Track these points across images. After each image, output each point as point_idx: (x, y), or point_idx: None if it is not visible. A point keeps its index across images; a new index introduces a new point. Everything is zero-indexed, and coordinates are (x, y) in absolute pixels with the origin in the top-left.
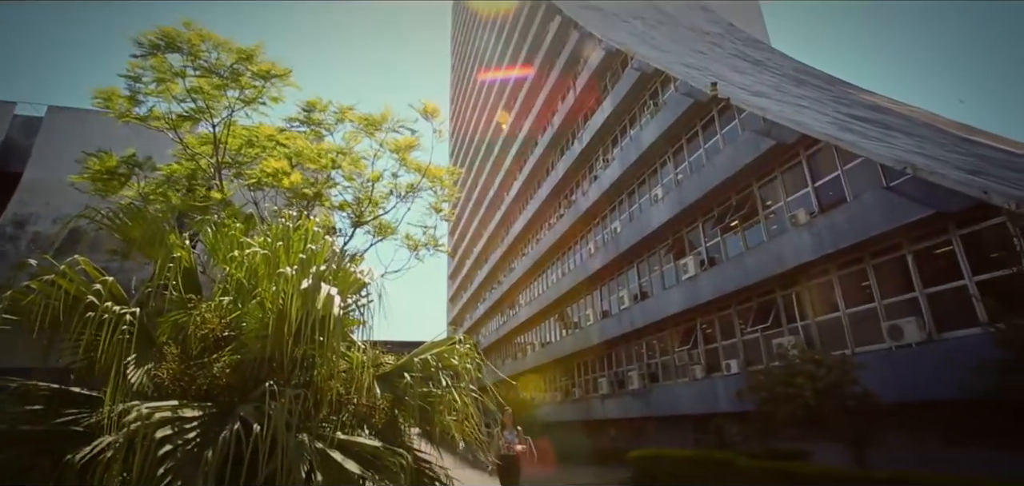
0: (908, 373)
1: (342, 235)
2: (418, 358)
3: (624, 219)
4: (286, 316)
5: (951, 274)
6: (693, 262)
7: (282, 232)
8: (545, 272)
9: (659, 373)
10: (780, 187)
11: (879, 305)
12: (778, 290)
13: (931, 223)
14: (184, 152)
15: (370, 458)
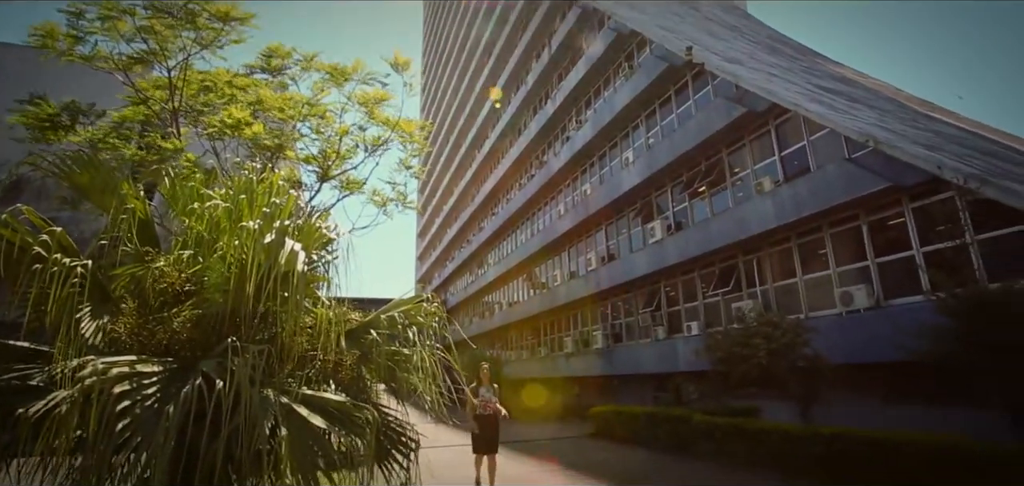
0: (855, 337)
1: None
2: (385, 316)
3: (594, 181)
4: (249, 271)
5: (901, 245)
6: (660, 226)
7: (245, 185)
8: (514, 232)
9: (623, 333)
10: (748, 155)
11: (834, 272)
12: (740, 256)
13: (887, 195)
14: (135, 96)
15: (336, 413)
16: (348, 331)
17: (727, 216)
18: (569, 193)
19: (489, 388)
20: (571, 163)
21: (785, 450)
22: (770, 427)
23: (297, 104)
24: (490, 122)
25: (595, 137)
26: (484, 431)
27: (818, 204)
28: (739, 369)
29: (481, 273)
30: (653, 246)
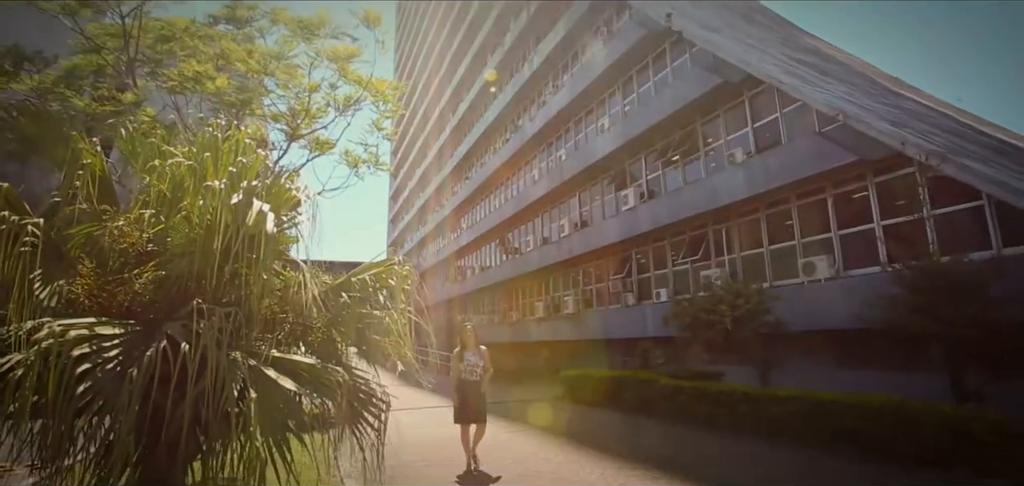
0: (814, 305)
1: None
2: (356, 278)
3: (570, 148)
4: (215, 232)
5: (863, 218)
6: (633, 194)
7: (209, 142)
8: (488, 197)
9: (593, 299)
10: (722, 126)
11: (798, 243)
12: (710, 225)
13: (853, 169)
14: (86, 43)
15: (306, 376)
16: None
17: (699, 186)
18: (544, 159)
19: (475, 352)
20: (546, 128)
21: (744, 411)
22: (730, 389)
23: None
24: (465, 85)
25: (571, 102)
26: (467, 399)
27: (787, 176)
28: (705, 335)
29: (454, 237)
30: (626, 213)
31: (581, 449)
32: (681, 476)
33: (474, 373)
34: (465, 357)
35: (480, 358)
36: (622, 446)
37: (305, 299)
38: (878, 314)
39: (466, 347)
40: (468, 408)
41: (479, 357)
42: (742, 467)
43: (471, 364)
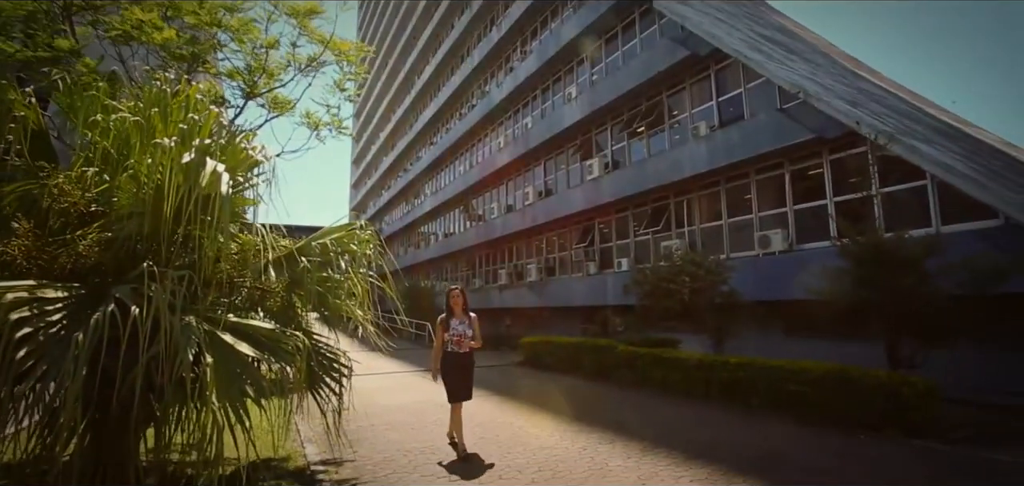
0: (767, 277)
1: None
2: (316, 242)
3: (536, 115)
4: (165, 192)
5: (817, 194)
6: (598, 164)
7: (157, 98)
8: (453, 163)
9: (556, 267)
10: (688, 98)
11: (755, 217)
12: (672, 197)
13: (810, 146)
14: None
15: (264, 341)
16: (277, 258)
17: (663, 158)
18: (510, 126)
19: (464, 320)
20: (514, 95)
21: (697, 377)
22: (685, 356)
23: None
24: (431, 48)
25: (539, 69)
26: (454, 374)
27: (748, 151)
28: (663, 304)
29: (418, 203)
30: (590, 183)
31: (541, 413)
32: (636, 438)
33: (462, 344)
34: (451, 325)
35: (469, 326)
36: (581, 410)
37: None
38: (826, 286)
39: (453, 313)
40: (459, 385)
41: (468, 325)
42: (692, 428)
43: (458, 333)
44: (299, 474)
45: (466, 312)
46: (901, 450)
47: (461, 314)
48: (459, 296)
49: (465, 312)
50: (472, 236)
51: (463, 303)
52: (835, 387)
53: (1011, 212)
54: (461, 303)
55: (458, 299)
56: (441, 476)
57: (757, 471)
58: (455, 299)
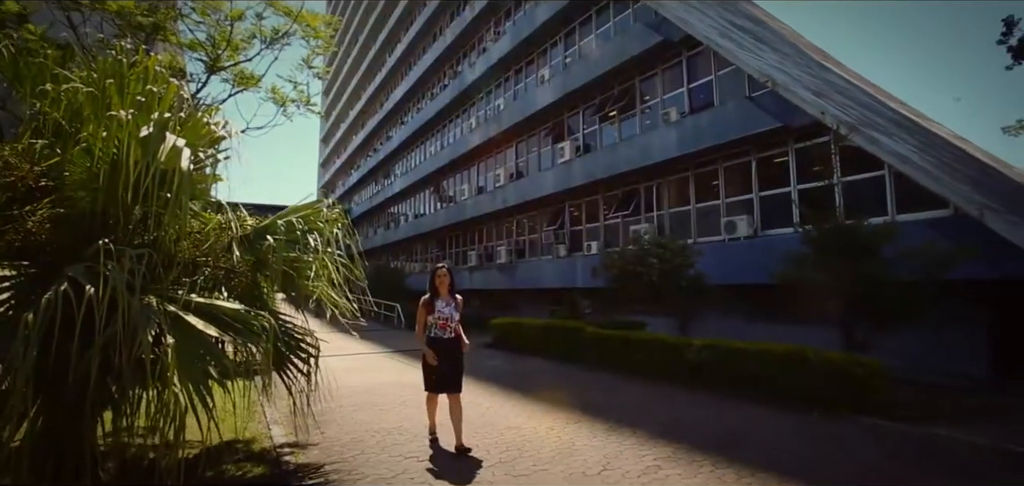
0: (732, 261)
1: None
2: (282, 221)
3: (508, 97)
4: (122, 167)
5: (781, 181)
6: (570, 147)
7: (113, 67)
8: (423, 144)
9: (526, 250)
10: (659, 84)
11: (722, 203)
12: (642, 182)
13: (776, 135)
14: None
15: (230, 321)
16: (241, 236)
17: (634, 142)
18: (482, 107)
19: (449, 302)
20: (486, 76)
21: (663, 358)
22: (651, 338)
23: None
24: (403, 25)
25: (513, 51)
26: (442, 362)
27: (717, 137)
28: (631, 286)
29: (388, 183)
30: (561, 166)
31: (510, 395)
32: (602, 417)
33: (448, 328)
34: (435, 307)
35: (456, 308)
36: (549, 391)
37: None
38: (787, 271)
39: (438, 294)
40: (440, 373)
41: (455, 307)
42: (657, 408)
43: (443, 316)
44: (264, 456)
45: (452, 293)
46: (851, 427)
47: (446, 295)
48: (445, 275)
49: (451, 293)
50: (442, 217)
51: (450, 283)
52: (793, 368)
53: (959, 202)
54: (447, 283)
55: (444, 278)
56: (410, 456)
57: (717, 449)
58: (441, 278)
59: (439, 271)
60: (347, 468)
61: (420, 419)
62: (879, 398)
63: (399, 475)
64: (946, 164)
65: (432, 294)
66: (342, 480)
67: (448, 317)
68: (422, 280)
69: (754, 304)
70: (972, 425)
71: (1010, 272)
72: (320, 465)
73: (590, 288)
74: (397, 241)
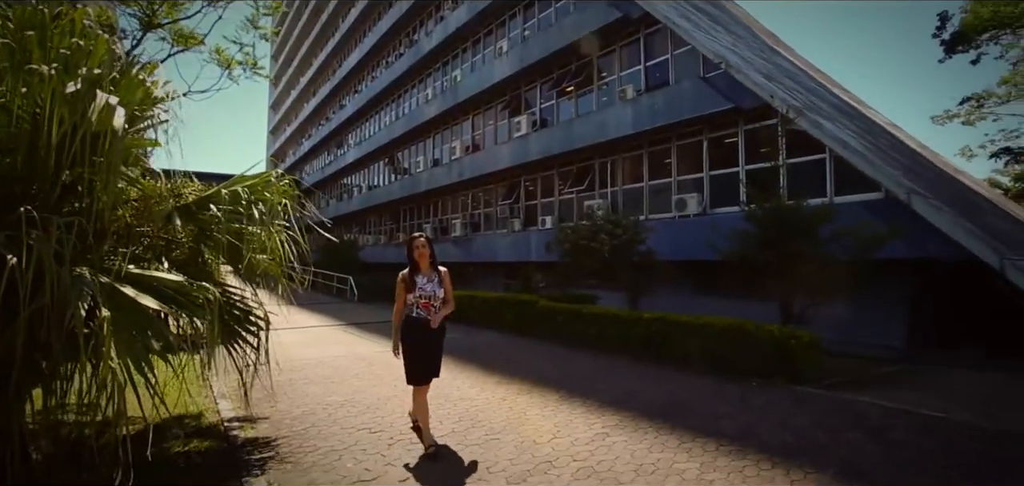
0: (682, 238)
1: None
2: (227, 191)
3: (466, 68)
4: (45, 127)
5: (731, 161)
6: (526, 121)
7: (32, 18)
8: (378, 113)
9: (481, 223)
10: (617, 61)
11: (674, 180)
12: (597, 158)
13: (727, 116)
14: None
15: (171, 293)
16: (183, 205)
17: (590, 119)
18: (438, 78)
19: (432, 276)
20: (443, 46)
21: (613, 332)
22: (602, 312)
23: None
24: None
25: (471, 21)
26: (419, 347)
27: (671, 116)
28: (584, 261)
29: (340, 153)
30: (518, 140)
31: (463, 366)
32: (554, 388)
33: (430, 308)
34: (416, 283)
35: (439, 284)
36: (502, 363)
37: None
38: (733, 248)
39: (418, 268)
40: (423, 361)
41: (438, 283)
42: (607, 379)
43: (426, 294)
44: (212, 430)
45: (435, 267)
46: (785, 395)
47: (428, 269)
48: (424, 246)
49: (433, 267)
50: (397, 189)
51: (430, 254)
52: (734, 340)
53: (891, 186)
54: (428, 254)
55: (424, 249)
56: (362, 428)
57: (662, 417)
58: (419, 250)
59: (417, 241)
60: (298, 441)
61: (373, 392)
62: (812, 368)
63: (351, 447)
64: (881, 150)
65: (412, 269)
66: (293, 452)
67: (431, 295)
68: (377, 254)
69: (702, 279)
70: (890, 392)
71: (930, 253)
72: (270, 438)
73: (544, 262)
74: (350, 213)
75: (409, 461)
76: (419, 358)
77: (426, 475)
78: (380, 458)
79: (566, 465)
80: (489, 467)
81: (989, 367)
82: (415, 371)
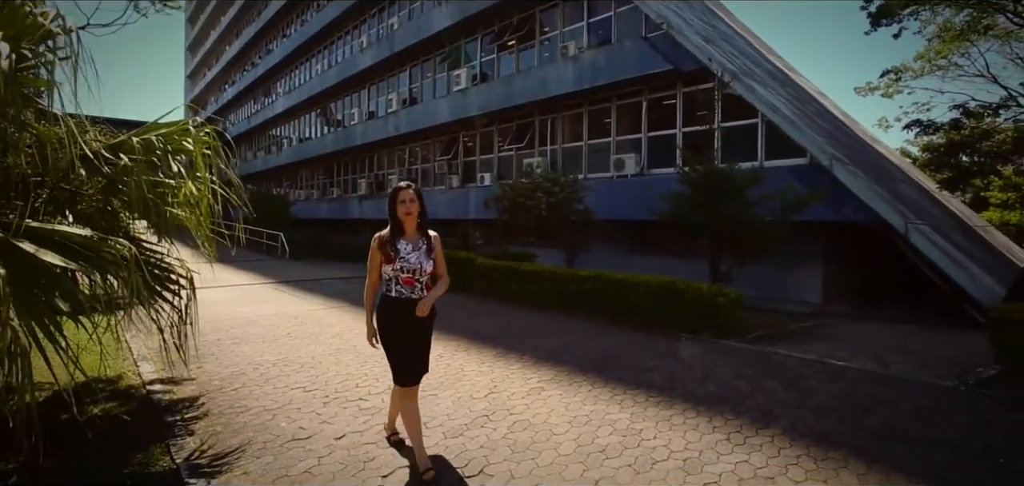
0: (619, 198)
1: None
2: (138, 139)
3: (403, 16)
4: None
5: (669, 123)
6: (466, 75)
7: None
8: (309, 60)
9: (418, 179)
10: (559, 16)
11: (613, 140)
12: (537, 115)
13: (667, 77)
14: None
15: (79, 249)
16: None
17: (531, 74)
18: (374, 24)
19: (419, 243)
20: None
21: (550, 289)
22: (539, 269)
23: None
24: None
25: None
26: (404, 335)
27: (612, 75)
28: (522, 219)
29: (268, 102)
30: (457, 94)
31: None
32: (491, 345)
33: (416, 284)
34: (399, 251)
35: (429, 254)
36: (438, 320)
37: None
38: (667, 208)
39: (402, 231)
40: (413, 350)
41: (427, 252)
42: (543, 336)
43: (410, 266)
44: (132, 394)
45: (424, 230)
46: (711, 348)
47: (415, 233)
48: (413, 200)
49: (422, 230)
50: (330, 142)
51: (420, 212)
52: (666, 297)
53: (816, 153)
54: (416, 212)
55: (412, 206)
56: (296, 387)
57: (596, 370)
58: (408, 206)
59: (403, 194)
60: (228, 402)
61: (306, 350)
62: (737, 324)
63: (285, 406)
64: (809, 117)
65: (393, 230)
66: (223, 413)
67: (417, 268)
68: (309, 209)
69: (637, 238)
70: (804, 344)
71: (846, 216)
72: (197, 399)
73: (483, 219)
74: (281, 166)
75: (346, 419)
76: (406, 349)
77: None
78: (315, 416)
79: (503, 419)
80: (426, 423)
81: (892, 321)
82: (403, 367)
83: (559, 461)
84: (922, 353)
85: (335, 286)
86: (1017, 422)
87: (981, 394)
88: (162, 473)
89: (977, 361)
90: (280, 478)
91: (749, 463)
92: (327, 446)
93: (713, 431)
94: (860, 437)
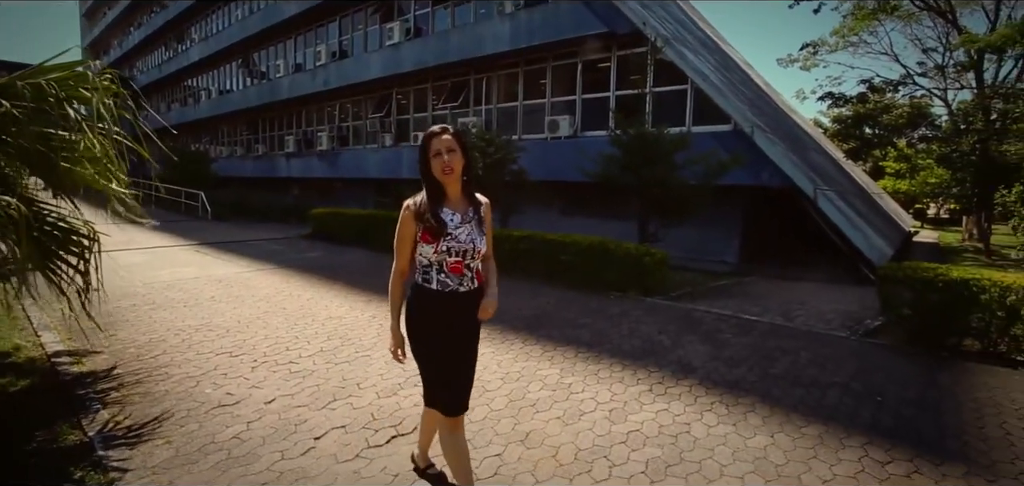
0: (552, 159)
1: None
2: (26, 83)
3: None
4: None
5: (602, 86)
6: (399, 29)
7: None
8: (228, 5)
9: (349, 137)
10: None
11: (548, 102)
12: (472, 73)
13: (602, 40)
14: None
15: None
16: None
17: (467, 31)
18: None
19: (467, 213)
20: None
21: None
22: None
23: None
24: None
25: None
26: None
27: (548, 35)
28: None
29: (182, 50)
30: (389, 49)
31: (331, 285)
32: None
33: (465, 272)
34: (445, 224)
35: (481, 227)
36: (371, 281)
37: None
38: (599, 170)
39: (444, 195)
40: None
41: (478, 226)
42: None
43: (460, 245)
44: (34, 366)
45: (469, 193)
46: (638, 305)
47: (460, 197)
48: (455, 149)
49: (468, 194)
50: (254, 95)
51: (464, 168)
52: (596, 257)
53: (739, 120)
54: (460, 169)
55: (454, 157)
56: (222, 352)
57: (528, 328)
58: (445, 159)
59: (436, 141)
60: (146, 370)
61: (232, 313)
62: (662, 282)
63: (210, 372)
64: (734, 85)
65: (432, 194)
66: (140, 382)
67: (468, 248)
68: (233, 166)
69: (571, 200)
70: (721, 300)
71: (763, 181)
72: (110, 369)
73: (416, 180)
74: (199, 120)
75: (276, 383)
76: (452, 363)
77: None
78: (243, 382)
79: None
80: (359, 383)
81: (799, 279)
82: (449, 387)
83: (491, 416)
84: (823, 308)
85: (262, 247)
86: (895, 365)
87: (868, 343)
88: (72, 447)
89: (867, 314)
90: (206, 445)
91: (669, 411)
92: (256, 411)
93: (637, 383)
94: (767, 384)
